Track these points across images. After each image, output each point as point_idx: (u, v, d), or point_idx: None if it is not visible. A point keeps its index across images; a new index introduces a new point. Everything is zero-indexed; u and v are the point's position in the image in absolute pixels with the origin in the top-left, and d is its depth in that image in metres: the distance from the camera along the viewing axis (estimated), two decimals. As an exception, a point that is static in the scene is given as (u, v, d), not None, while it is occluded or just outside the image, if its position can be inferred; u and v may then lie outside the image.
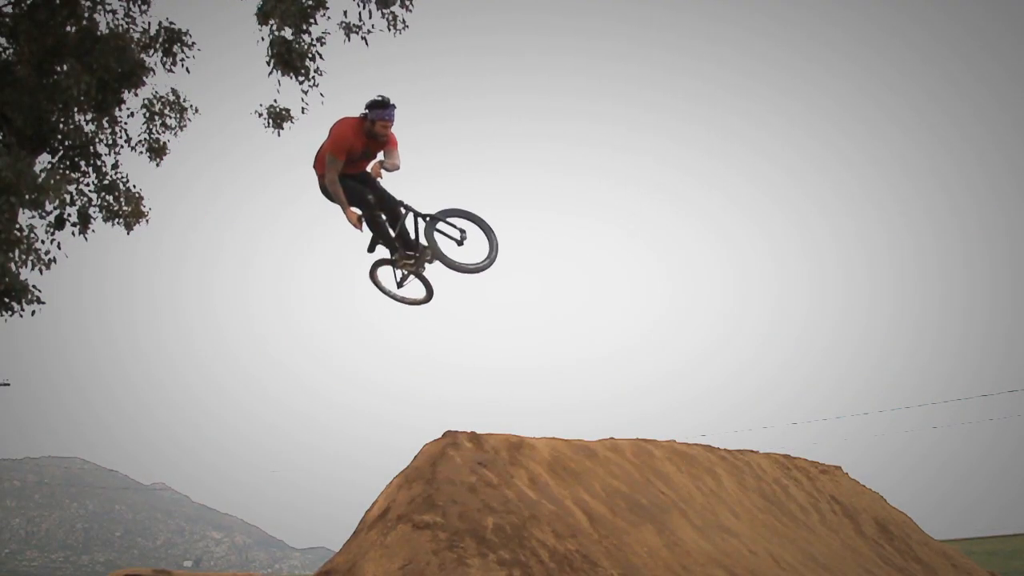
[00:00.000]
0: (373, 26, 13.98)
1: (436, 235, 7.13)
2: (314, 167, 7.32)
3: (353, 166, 7.13)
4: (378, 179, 7.24)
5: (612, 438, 8.15)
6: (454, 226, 7.20)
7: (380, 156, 7.17)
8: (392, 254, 7.46)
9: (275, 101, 14.41)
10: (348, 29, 13.96)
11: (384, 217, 7.32)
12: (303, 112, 14.31)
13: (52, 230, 13.56)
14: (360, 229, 7.07)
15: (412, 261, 7.42)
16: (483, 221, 7.21)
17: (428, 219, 7.15)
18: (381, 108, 6.90)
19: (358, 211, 7.08)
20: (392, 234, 7.35)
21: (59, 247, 13.42)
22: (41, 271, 12.60)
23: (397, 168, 7.14)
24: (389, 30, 14.03)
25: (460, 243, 7.14)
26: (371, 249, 7.53)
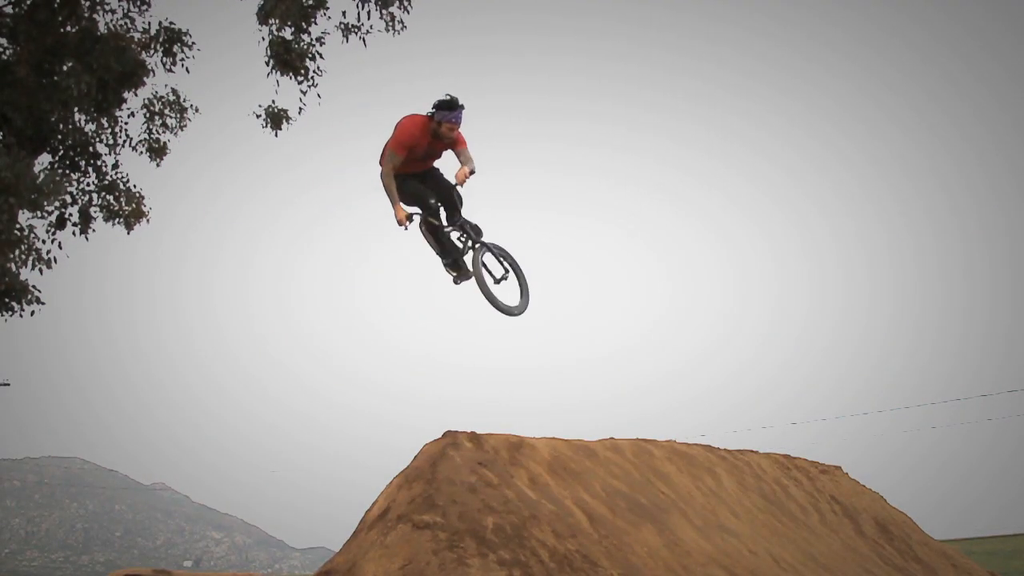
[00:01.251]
0: (371, 27, 14.00)
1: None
2: (379, 162, 7.14)
3: (417, 164, 7.00)
4: (458, 185, 6.95)
5: (612, 438, 8.16)
6: (500, 263, 7.15)
7: (452, 160, 6.94)
8: (442, 257, 7.27)
9: (273, 102, 14.43)
10: (346, 29, 13.98)
11: (441, 221, 7.09)
12: (300, 112, 14.32)
13: (53, 230, 13.57)
14: (405, 227, 6.84)
15: (454, 273, 7.28)
16: (522, 273, 7.16)
17: (479, 245, 7.03)
18: (447, 110, 6.72)
19: (408, 210, 6.86)
20: (443, 242, 7.14)
21: (60, 247, 13.42)
22: (41, 271, 12.60)
23: (473, 172, 6.90)
24: (387, 30, 14.05)
25: (497, 281, 7.08)
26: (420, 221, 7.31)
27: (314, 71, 14.07)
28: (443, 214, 7.17)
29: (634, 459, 7.93)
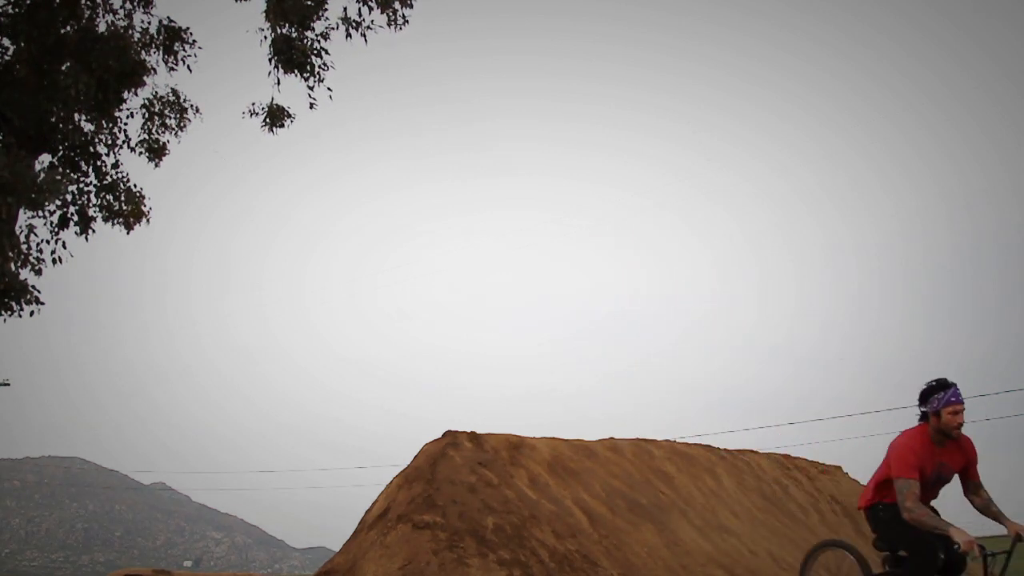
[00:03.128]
0: (373, 21, 13.94)
1: None
2: (860, 507, 5.77)
3: (923, 494, 5.42)
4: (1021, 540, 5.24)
5: (612, 438, 8.14)
6: None
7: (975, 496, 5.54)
8: None
9: (272, 99, 14.38)
10: (348, 24, 13.93)
11: None
12: (311, 107, 14.25)
13: (57, 230, 13.53)
14: (977, 554, 5.14)
15: None
16: None
17: None
18: (941, 390, 5.36)
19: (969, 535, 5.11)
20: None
21: (64, 246, 13.39)
22: (41, 271, 12.58)
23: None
24: (389, 26, 13.99)
25: None
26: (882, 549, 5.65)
27: (320, 67, 14.02)
28: None
29: (634, 459, 7.92)
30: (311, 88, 14.06)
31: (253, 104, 14.44)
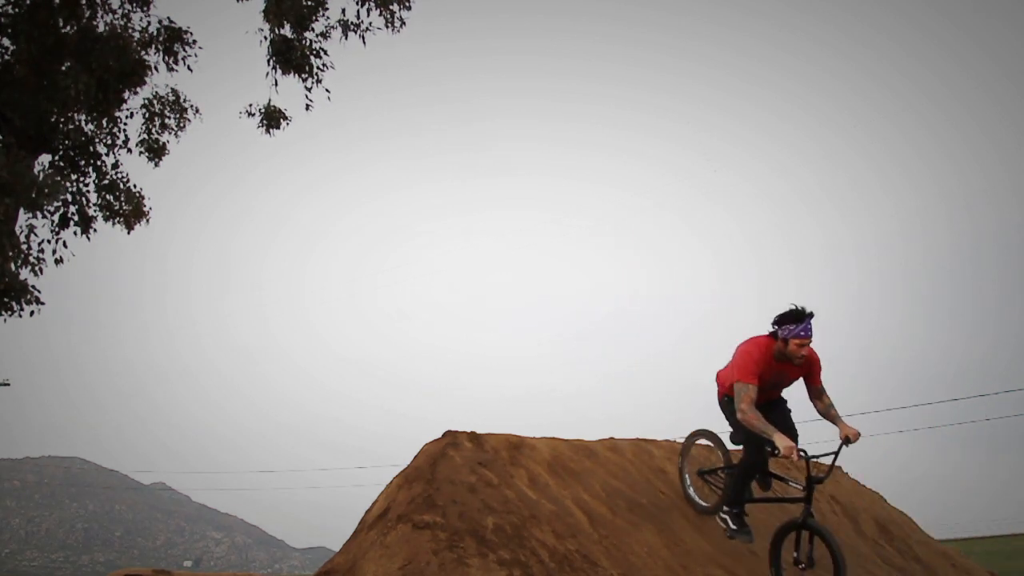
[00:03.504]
0: (371, 23, 13.97)
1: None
2: (716, 380, 6.52)
3: (763, 394, 6.02)
4: (847, 444, 5.87)
5: (612, 438, 8.15)
6: (810, 546, 5.90)
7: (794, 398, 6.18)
8: (728, 503, 6.38)
9: (269, 100, 14.39)
10: (346, 27, 13.94)
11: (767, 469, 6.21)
12: (307, 109, 14.27)
13: (57, 229, 13.54)
14: (796, 458, 5.66)
15: (734, 527, 6.39)
16: (844, 566, 5.67)
17: (812, 518, 5.94)
18: (794, 322, 5.74)
19: (790, 442, 5.66)
20: (742, 488, 6.32)
21: (65, 245, 13.40)
22: (41, 271, 12.59)
23: (859, 435, 5.85)
24: (387, 27, 14.02)
25: (799, 565, 5.86)
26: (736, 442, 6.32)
27: (318, 68, 14.03)
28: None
29: (634, 459, 7.93)
30: (309, 89, 14.09)
31: (250, 105, 14.46)
